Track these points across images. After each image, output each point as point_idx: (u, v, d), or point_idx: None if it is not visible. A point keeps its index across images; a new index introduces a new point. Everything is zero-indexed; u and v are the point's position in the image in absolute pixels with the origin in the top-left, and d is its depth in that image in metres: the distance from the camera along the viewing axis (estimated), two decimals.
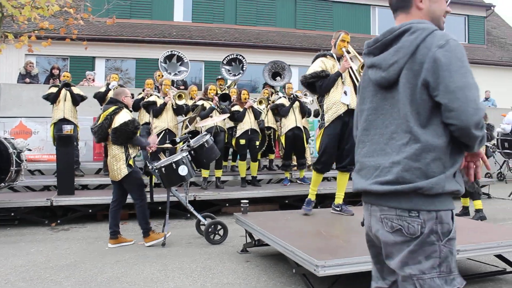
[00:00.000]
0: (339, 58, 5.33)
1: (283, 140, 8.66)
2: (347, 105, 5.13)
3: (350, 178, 6.67)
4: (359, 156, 1.97)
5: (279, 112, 8.70)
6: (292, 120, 8.40)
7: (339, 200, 5.53)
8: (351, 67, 5.19)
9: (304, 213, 5.43)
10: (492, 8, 20.93)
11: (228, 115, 7.90)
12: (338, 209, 5.50)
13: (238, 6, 17.97)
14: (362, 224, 1.98)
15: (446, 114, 1.67)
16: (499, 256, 4.49)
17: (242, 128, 8.29)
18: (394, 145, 1.78)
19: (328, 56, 5.35)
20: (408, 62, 1.73)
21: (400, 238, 1.73)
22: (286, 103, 8.65)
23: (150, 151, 6.06)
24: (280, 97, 9.00)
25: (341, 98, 5.13)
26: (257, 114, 8.41)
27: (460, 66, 1.66)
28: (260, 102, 8.87)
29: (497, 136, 9.94)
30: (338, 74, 5.17)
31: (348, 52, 5.21)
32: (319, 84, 5.16)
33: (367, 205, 1.90)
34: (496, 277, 4.45)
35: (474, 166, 1.87)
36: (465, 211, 7.61)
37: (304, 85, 5.38)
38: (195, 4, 17.71)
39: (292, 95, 8.56)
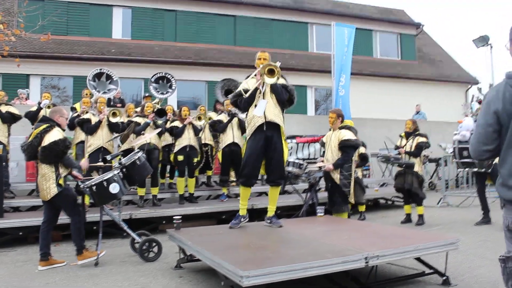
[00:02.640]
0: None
1: (220, 155, 8.75)
2: (265, 118, 5.29)
3: (281, 192, 6.91)
4: None
5: (217, 128, 8.79)
6: (230, 136, 8.49)
7: (271, 213, 5.67)
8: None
9: (230, 226, 5.53)
10: (421, 27, 22.19)
11: (160, 129, 7.92)
12: (268, 221, 5.64)
13: (178, 24, 18.00)
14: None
15: None
16: (419, 259, 4.76)
17: (180, 143, 8.35)
18: None
19: (252, 76, 5.55)
20: None
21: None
22: (225, 119, 8.71)
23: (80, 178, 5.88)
24: (221, 113, 9.10)
25: (254, 110, 5.33)
26: (197, 131, 8.49)
27: None
28: (199, 118, 8.92)
29: (454, 144, 9.25)
30: (253, 91, 5.36)
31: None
32: (239, 102, 5.45)
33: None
34: (416, 280, 4.71)
35: None
36: (408, 218, 8.37)
37: (233, 105, 5.72)
38: (135, 21, 17.59)
39: (230, 112, 8.67)
